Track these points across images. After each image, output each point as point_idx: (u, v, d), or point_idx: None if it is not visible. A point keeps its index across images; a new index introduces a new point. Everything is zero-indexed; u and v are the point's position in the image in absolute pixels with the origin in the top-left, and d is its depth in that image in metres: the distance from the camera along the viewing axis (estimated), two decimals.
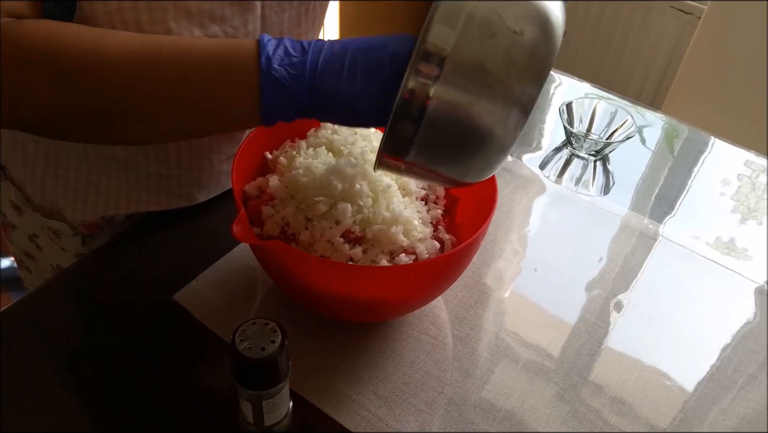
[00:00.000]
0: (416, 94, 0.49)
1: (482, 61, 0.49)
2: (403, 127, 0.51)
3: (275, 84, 0.53)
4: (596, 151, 0.98)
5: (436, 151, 0.53)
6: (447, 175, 0.56)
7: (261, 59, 0.53)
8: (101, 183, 0.77)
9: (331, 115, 0.56)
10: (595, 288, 0.81)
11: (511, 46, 0.49)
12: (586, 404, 0.69)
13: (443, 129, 0.51)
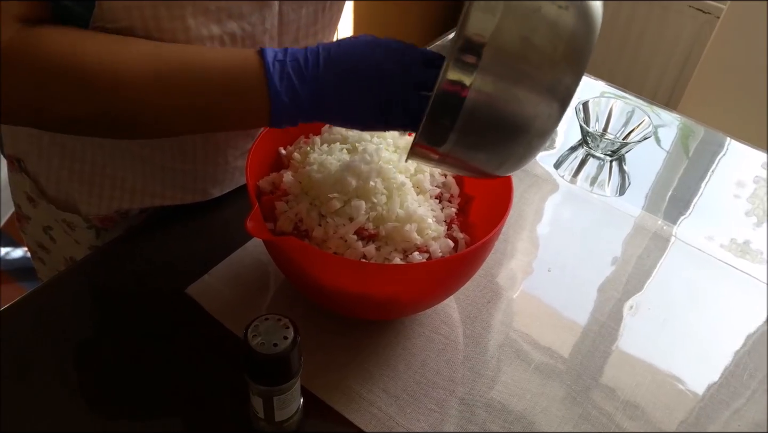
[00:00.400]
0: (455, 85, 0.49)
1: (526, 38, 0.48)
2: (441, 117, 0.51)
3: (284, 112, 0.57)
4: (612, 151, 0.97)
5: (473, 142, 0.54)
6: (479, 167, 0.57)
7: (269, 91, 0.56)
8: (116, 177, 0.77)
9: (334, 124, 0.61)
10: (608, 289, 0.81)
11: (556, 22, 0.49)
12: (599, 407, 0.68)
13: (482, 119, 0.51)
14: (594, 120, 1.00)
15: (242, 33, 0.66)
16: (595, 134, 0.97)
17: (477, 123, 0.52)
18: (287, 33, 0.71)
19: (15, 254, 1.87)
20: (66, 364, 0.67)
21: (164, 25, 0.60)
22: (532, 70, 0.50)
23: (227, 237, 0.79)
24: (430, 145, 0.54)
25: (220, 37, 0.64)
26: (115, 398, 0.65)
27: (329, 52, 0.58)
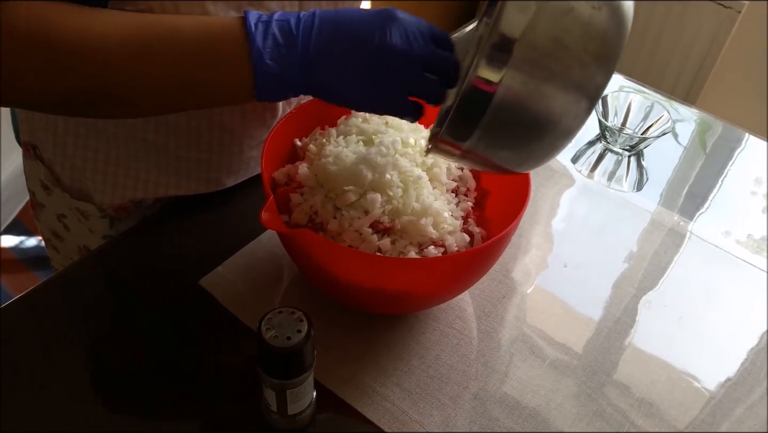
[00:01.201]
0: (485, 81, 0.49)
1: (558, 38, 0.48)
2: (468, 112, 0.51)
3: (270, 77, 0.54)
4: (631, 146, 0.96)
5: (498, 139, 0.53)
6: (501, 164, 0.57)
7: (252, 53, 0.54)
8: (130, 166, 0.77)
9: (326, 100, 0.58)
10: (623, 285, 0.80)
11: (589, 22, 0.48)
12: (613, 404, 0.67)
13: (509, 117, 0.51)
14: (612, 114, 0.99)
15: None
16: (613, 129, 0.96)
17: (503, 120, 0.51)
18: None
19: (29, 243, 1.88)
20: (79, 353, 0.67)
21: (183, 9, 0.59)
22: (562, 69, 0.49)
23: (241, 229, 0.79)
24: (454, 140, 0.53)
25: None
26: (127, 389, 0.65)
27: (326, 17, 0.55)
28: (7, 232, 1.87)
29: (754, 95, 1.73)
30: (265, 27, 0.54)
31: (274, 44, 0.54)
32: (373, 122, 0.71)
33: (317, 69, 0.55)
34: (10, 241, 1.88)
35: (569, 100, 0.51)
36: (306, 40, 0.54)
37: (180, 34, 0.55)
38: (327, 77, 0.55)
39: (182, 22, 0.56)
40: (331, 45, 0.54)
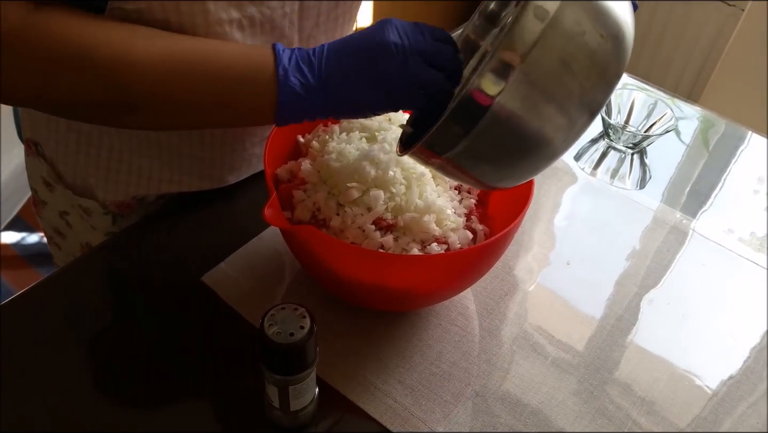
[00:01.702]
0: (482, 94, 0.49)
1: (565, 60, 0.48)
2: (457, 123, 0.51)
3: (293, 95, 0.57)
4: (634, 143, 0.96)
5: (481, 153, 0.53)
6: (478, 178, 0.56)
7: (278, 71, 0.56)
8: (133, 163, 0.77)
9: (340, 114, 0.60)
10: (626, 283, 0.80)
11: (596, 50, 0.49)
12: (615, 402, 0.67)
13: (498, 133, 0.51)
14: (616, 112, 0.99)
15: (261, 17, 0.65)
16: (616, 126, 0.96)
17: (494, 135, 0.51)
18: (307, 18, 0.71)
19: (31, 239, 1.88)
20: (81, 349, 0.67)
21: (183, 8, 0.59)
22: (562, 92, 0.50)
23: (244, 226, 0.79)
24: (436, 148, 0.53)
25: (239, 21, 0.63)
26: (129, 385, 0.65)
27: (334, 42, 0.58)
28: (8, 228, 1.87)
29: (757, 93, 1.73)
30: (291, 52, 0.58)
31: (296, 64, 0.57)
32: (376, 119, 0.71)
33: (331, 84, 0.57)
34: (11, 237, 1.88)
35: (562, 124, 0.51)
36: (319, 63, 0.57)
37: (218, 57, 0.58)
38: (340, 88, 0.57)
39: (220, 46, 0.59)
40: (340, 60, 0.57)
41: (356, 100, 0.58)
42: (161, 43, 0.57)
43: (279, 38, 0.70)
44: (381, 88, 0.57)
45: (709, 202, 0.92)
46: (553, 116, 0.50)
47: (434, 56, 0.57)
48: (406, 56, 0.56)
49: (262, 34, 0.67)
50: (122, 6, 0.58)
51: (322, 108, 0.58)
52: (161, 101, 0.58)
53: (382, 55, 0.56)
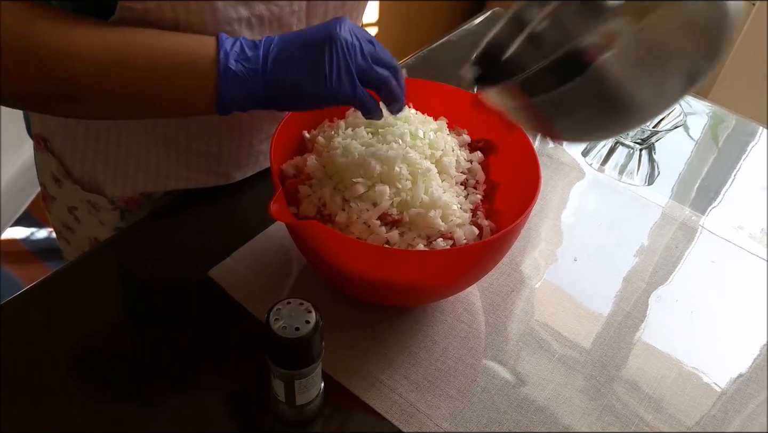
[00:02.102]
0: (593, 46, 0.49)
1: (677, 30, 0.49)
2: (555, 74, 0.51)
3: (233, 78, 0.57)
4: (642, 139, 0.95)
5: (570, 105, 0.53)
6: (553, 128, 0.57)
7: (219, 54, 0.57)
8: (141, 159, 0.77)
9: (284, 101, 0.60)
10: (633, 280, 0.79)
11: (708, 23, 0.49)
12: (622, 400, 0.67)
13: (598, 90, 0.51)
14: None
15: (270, 15, 0.65)
16: None
17: (590, 91, 0.51)
18: (315, 16, 0.71)
19: (40, 234, 1.90)
20: (89, 343, 0.68)
21: (192, 7, 0.60)
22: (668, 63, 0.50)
23: (250, 221, 0.79)
24: (527, 90, 0.53)
25: (248, 19, 0.64)
26: (136, 379, 0.65)
27: (287, 33, 0.60)
28: (17, 223, 1.89)
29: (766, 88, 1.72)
30: (235, 40, 0.59)
31: (240, 50, 0.58)
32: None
33: (277, 70, 0.58)
34: (21, 232, 1.89)
35: (659, 95, 0.51)
36: (267, 49, 0.59)
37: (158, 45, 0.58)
38: (285, 76, 0.58)
39: (163, 36, 0.59)
40: (289, 48, 0.58)
41: (299, 88, 0.59)
42: (102, 35, 0.57)
43: None
44: (324, 79, 0.58)
45: (718, 199, 0.92)
46: (659, 81, 0.51)
47: (379, 59, 0.59)
48: (354, 51, 0.58)
49: (270, 31, 0.67)
50: (132, 6, 0.59)
51: (264, 94, 0.59)
52: (101, 91, 0.58)
53: (331, 47, 0.57)
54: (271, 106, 0.60)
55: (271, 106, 0.60)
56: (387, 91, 0.61)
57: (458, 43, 1.16)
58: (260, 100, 0.59)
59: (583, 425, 0.65)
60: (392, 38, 2.13)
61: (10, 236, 1.87)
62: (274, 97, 0.60)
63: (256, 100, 0.59)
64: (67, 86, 0.57)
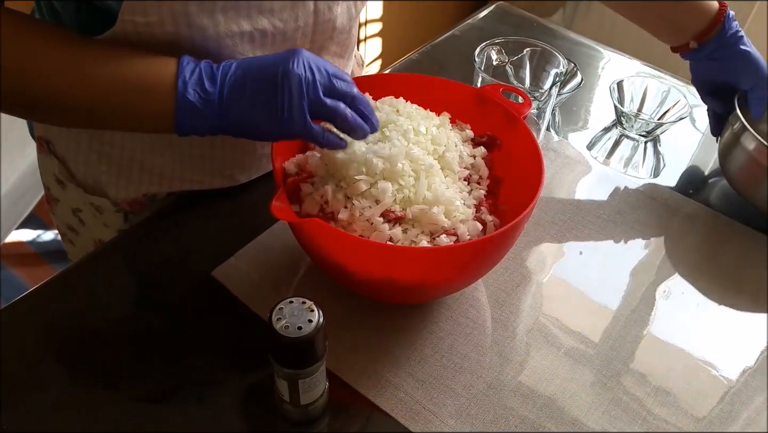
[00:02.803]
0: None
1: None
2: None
3: (189, 108, 0.58)
4: (647, 131, 0.95)
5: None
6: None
7: (178, 82, 0.58)
8: (144, 161, 0.77)
9: (239, 133, 0.61)
10: (640, 273, 0.79)
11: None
12: (630, 393, 0.67)
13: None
14: (628, 100, 0.98)
15: (273, 29, 0.65)
16: (629, 114, 0.94)
17: None
18: (322, 32, 0.71)
19: (46, 236, 1.90)
20: (93, 344, 0.68)
21: (194, 21, 0.60)
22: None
23: (253, 220, 0.79)
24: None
25: (250, 34, 0.64)
26: (140, 379, 0.65)
27: (243, 60, 0.60)
28: (24, 226, 1.89)
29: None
30: (194, 66, 0.59)
31: (198, 79, 0.58)
32: (384, 111, 0.71)
33: (232, 103, 0.59)
34: (27, 235, 1.90)
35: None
36: (223, 80, 0.59)
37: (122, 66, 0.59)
38: (240, 110, 0.59)
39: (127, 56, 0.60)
40: (244, 80, 0.59)
41: (252, 124, 0.60)
42: (69, 53, 0.58)
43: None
44: (277, 118, 0.58)
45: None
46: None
47: (333, 89, 0.60)
48: (307, 87, 0.58)
49: (272, 45, 0.67)
50: (133, 19, 0.59)
51: (219, 125, 0.60)
52: (63, 108, 0.59)
53: (284, 84, 0.58)
54: (226, 134, 0.61)
55: (226, 134, 0.61)
56: (340, 123, 0.61)
57: (462, 37, 1.16)
58: (217, 130, 0.60)
59: (590, 419, 0.64)
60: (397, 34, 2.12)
61: (16, 239, 1.88)
62: (230, 130, 0.61)
63: (213, 130, 0.60)
64: (30, 99, 0.59)
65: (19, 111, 0.61)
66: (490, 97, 0.75)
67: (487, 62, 0.89)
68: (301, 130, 0.59)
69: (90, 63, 0.58)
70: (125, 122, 0.63)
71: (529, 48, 0.90)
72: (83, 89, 0.58)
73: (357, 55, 0.97)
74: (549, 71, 0.89)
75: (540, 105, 0.85)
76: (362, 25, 1.97)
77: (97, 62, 0.59)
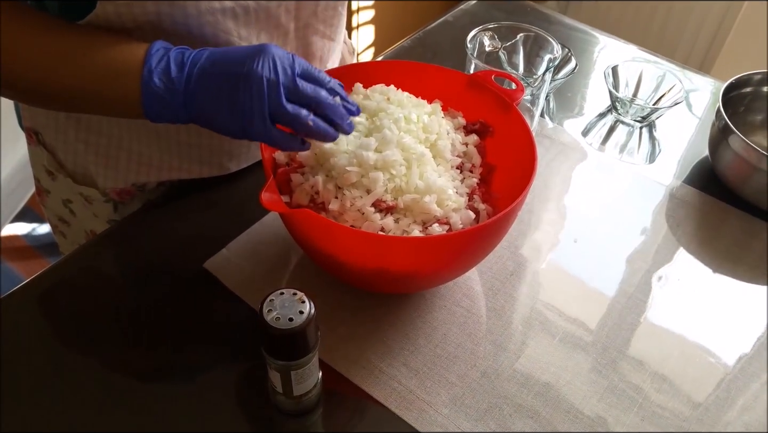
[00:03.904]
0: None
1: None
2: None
3: (155, 96, 0.58)
4: (642, 117, 0.94)
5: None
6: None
7: (143, 71, 0.57)
8: (132, 150, 0.76)
9: (207, 127, 0.60)
10: (636, 260, 0.78)
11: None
12: (626, 380, 0.66)
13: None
14: (623, 85, 0.97)
15: (256, 5, 0.64)
16: (624, 100, 0.94)
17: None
18: (305, 7, 0.70)
19: (41, 230, 1.90)
20: (86, 337, 0.67)
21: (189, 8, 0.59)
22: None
23: (245, 211, 0.78)
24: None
25: (232, 10, 0.63)
26: (132, 371, 0.65)
27: (214, 52, 0.59)
28: (18, 219, 1.89)
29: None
30: (163, 54, 0.58)
31: (165, 68, 0.58)
32: (375, 99, 0.70)
33: (197, 97, 0.58)
34: (22, 228, 1.89)
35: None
36: (191, 70, 0.58)
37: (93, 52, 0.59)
38: (203, 104, 0.58)
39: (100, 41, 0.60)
40: (209, 75, 0.58)
41: (215, 120, 0.59)
42: (46, 38, 0.59)
43: (274, 27, 0.68)
44: (238, 118, 0.58)
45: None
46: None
47: (297, 93, 0.58)
48: (270, 90, 0.57)
49: (256, 22, 0.66)
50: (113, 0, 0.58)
51: (185, 116, 0.59)
52: (41, 91, 0.60)
53: (247, 86, 0.56)
54: (200, 125, 0.61)
55: (200, 125, 0.61)
56: (300, 130, 0.60)
57: (455, 24, 1.15)
58: (184, 120, 0.60)
59: (586, 406, 0.64)
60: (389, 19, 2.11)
61: (11, 232, 1.88)
62: (197, 121, 0.60)
63: (181, 119, 0.60)
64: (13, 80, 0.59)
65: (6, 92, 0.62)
66: (482, 84, 0.74)
67: (479, 48, 0.88)
68: (262, 133, 0.58)
69: (68, 48, 0.59)
70: (100, 108, 0.63)
71: (523, 33, 0.89)
72: (60, 74, 0.59)
73: (348, 43, 0.96)
74: (543, 57, 0.89)
75: (534, 91, 0.84)
76: (354, 13, 1.96)
77: (74, 48, 0.59)
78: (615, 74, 0.96)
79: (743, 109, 0.91)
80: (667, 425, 0.63)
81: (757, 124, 0.92)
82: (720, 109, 0.84)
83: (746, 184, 0.82)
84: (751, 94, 0.92)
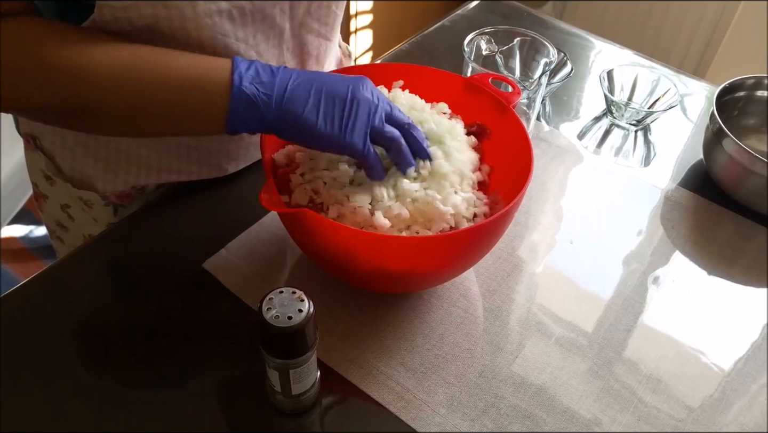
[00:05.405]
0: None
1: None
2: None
3: (245, 100, 0.58)
4: (637, 120, 0.95)
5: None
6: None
7: (234, 76, 0.58)
8: (131, 152, 0.76)
9: (292, 134, 0.61)
10: (632, 262, 0.79)
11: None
12: (621, 381, 0.67)
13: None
14: (619, 89, 0.98)
15: (252, 6, 0.65)
16: (619, 103, 0.94)
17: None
18: (299, 6, 0.70)
19: (38, 232, 1.89)
20: (84, 338, 0.67)
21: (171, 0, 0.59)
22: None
23: (244, 211, 0.79)
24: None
25: (228, 11, 0.63)
26: (131, 372, 0.65)
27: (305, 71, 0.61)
28: (16, 221, 1.88)
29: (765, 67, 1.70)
30: (249, 63, 0.60)
31: (255, 74, 0.59)
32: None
33: (294, 102, 0.59)
34: (19, 231, 1.89)
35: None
36: (285, 78, 0.60)
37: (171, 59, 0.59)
38: (303, 110, 0.59)
39: (174, 51, 0.60)
40: (309, 89, 0.60)
41: (312, 127, 0.59)
42: (112, 50, 0.58)
43: (270, 27, 0.69)
44: (340, 127, 0.59)
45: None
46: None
47: (392, 118, 0.62)
48: (375, 110, 0.60)
49: (252, 23, 0.66)
50: (110, 3, 0.58)
51: (274, 121, 0.59)
52: (112, 107, 0.59)
53: (353, 104, 0.59)
54: (277, 134, 0.61)
55: (277, 134, 0.61)
56: (396, 151, 0.63)
57: (452, 28, 1.15)
58: (269, 126, 0.60)
59: (581, 407, 0.64)
60: (387, 24, 2.12)
61: (9, 234, 1.87)
62: (282, 129, 0.60)
63: (264, 126, 0.60)
64: (79, 101, 0.59)
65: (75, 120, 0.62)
66: (479, 87, 0.75)
67: (476, 52, 0.88)
68: (360, 147, 0.60)
69: (137, 58, 0.59)
70: (177, 121, 0.62)
71: (519, 38, 0.90)
72: (133, 87, 0.58)
73: (344, 47, 0.96)
74: (539, 61, 0.89)
75: (530, 95, 0.84)
76: (353, 17, 1.96)
77: (145, 57, 0.59)
78: (610, 78, 0.97)
79: (737, 113, 0.92)
80: (663, 426, 0.64)
81: (751, 127, 0.93)
82: (714, 112, 0.85)
83: (740, 186, 0.83)
84: (745, 98, 0.93)
